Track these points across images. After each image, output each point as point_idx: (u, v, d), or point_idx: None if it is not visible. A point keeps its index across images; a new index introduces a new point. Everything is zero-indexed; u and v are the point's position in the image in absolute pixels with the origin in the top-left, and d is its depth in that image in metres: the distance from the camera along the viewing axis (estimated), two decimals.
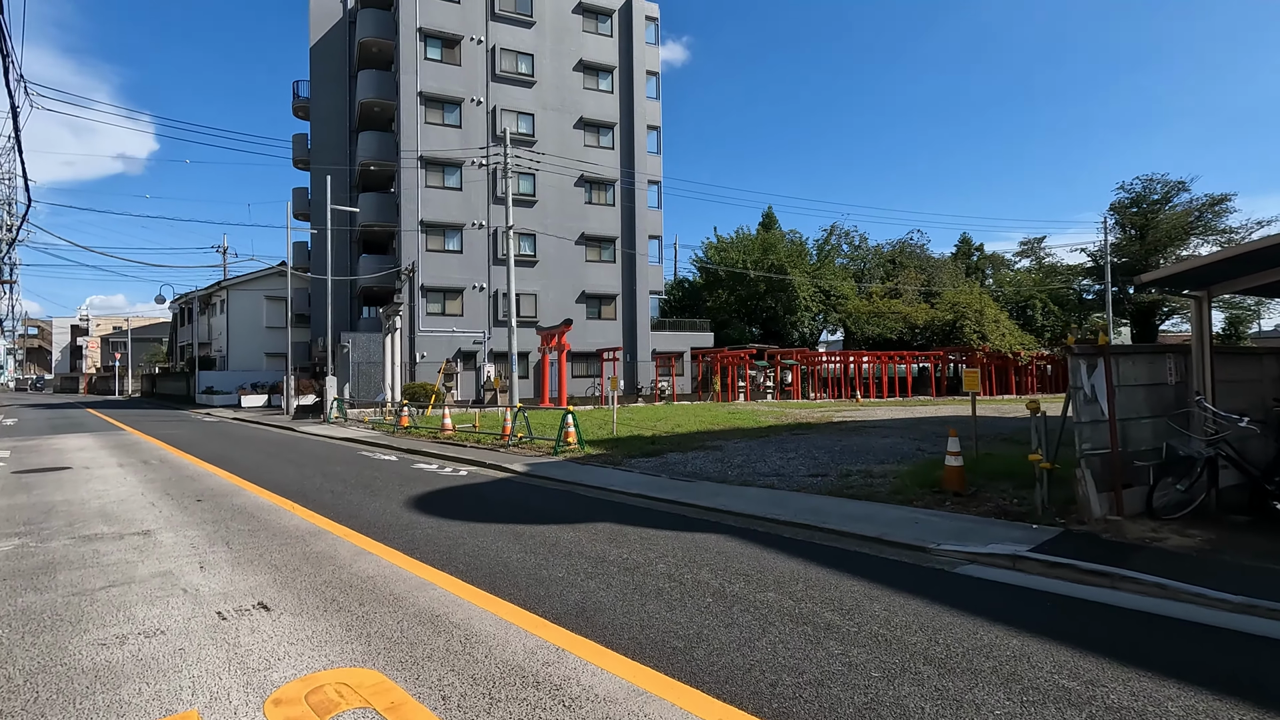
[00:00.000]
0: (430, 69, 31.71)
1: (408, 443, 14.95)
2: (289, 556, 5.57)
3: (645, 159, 36.35)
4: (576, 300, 34.23)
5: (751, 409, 23.69)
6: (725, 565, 5.28)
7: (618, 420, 18.34)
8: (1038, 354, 38.93)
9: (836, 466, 10.20)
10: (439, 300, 31.58)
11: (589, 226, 34.64)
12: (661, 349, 36.18)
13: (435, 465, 11.53)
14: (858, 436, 14.28)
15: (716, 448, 12.66)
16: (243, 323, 40.04)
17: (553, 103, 34.04)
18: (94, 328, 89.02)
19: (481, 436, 14.86)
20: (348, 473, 10.59)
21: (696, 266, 44.98)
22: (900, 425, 16.74)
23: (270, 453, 13.61)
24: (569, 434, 12.44)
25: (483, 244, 32.47)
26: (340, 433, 17.82)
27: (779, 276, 38.02)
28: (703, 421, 18.15)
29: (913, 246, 48.33)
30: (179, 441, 15.98)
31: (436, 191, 31.70)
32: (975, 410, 8.56)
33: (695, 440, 13.97)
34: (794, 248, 41.03)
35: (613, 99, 35.76)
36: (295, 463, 11.93)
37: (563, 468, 10.75)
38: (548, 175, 33.66)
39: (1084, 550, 5.50)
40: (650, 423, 18.07)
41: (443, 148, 31.71)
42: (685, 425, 17.15)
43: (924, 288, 43.44)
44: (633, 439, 14.17)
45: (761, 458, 11.26)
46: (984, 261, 54.65)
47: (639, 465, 10.80)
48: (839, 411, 22.40)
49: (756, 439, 14.06)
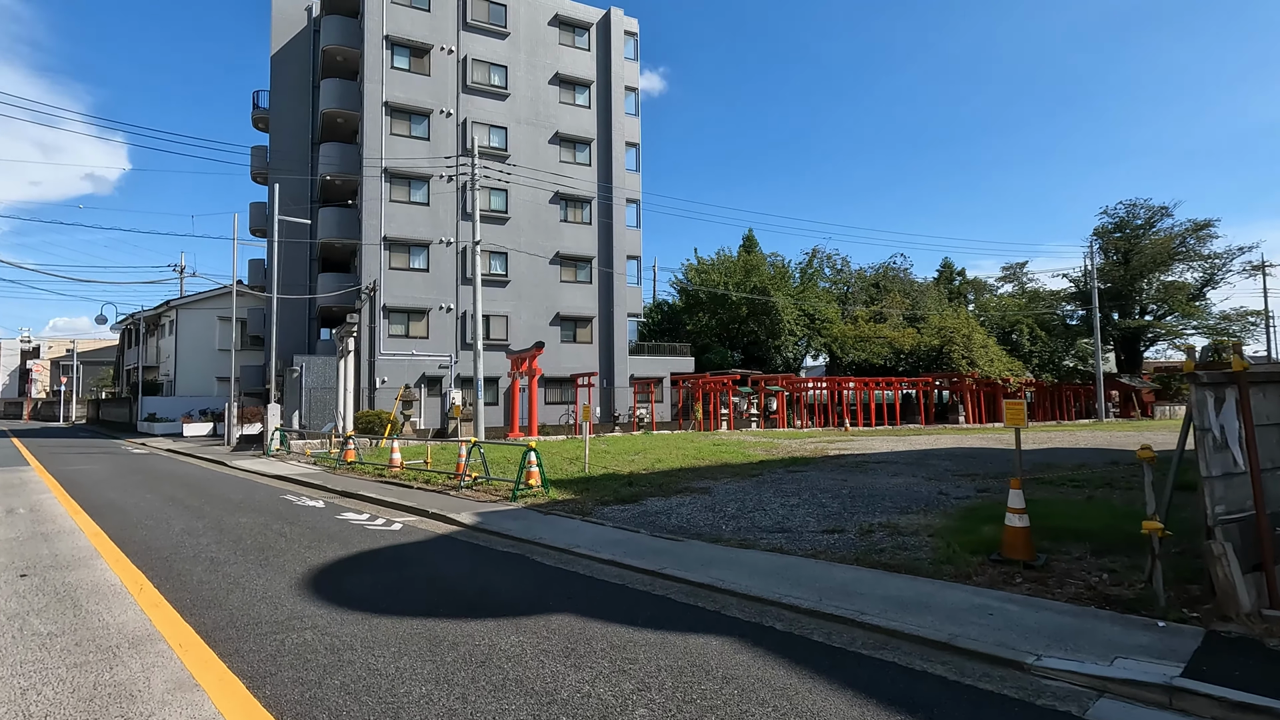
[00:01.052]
0: (397, 78, 30.07)
1: (345, 483, 12.89)
2: (63, 694, 3.60)
3: (624, 176, 34.94)
4: (550, 322, 32.41)
5: (737, 440, 21.94)
6: (741, 713, 3.43)
7: (591, 454, 16.44)
8: (1026, 380, 37.84)
9: (851, 517, 8.43)
10: (402, 321, 29.53)
11: (564, 245, 32.98)
12: (640, 374, 34.40)
13: (366, 515, 9.53)
14: (863, 475, 12.54)
15: (704, 490, 10.82)
16: (193, 345, 37.49)
17: (527, 116, 32.55)
18: (45, 350, 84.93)
19: (432, 476, 12.86)
20: (252, 526, 8.56)
21: (676, 289, 43.54)
22: (905, 460, 15.06)
23: (174, 497, 11.46)
24: (531, 474, 10.53)
25: (451, 262, 30.59)
26: (274, 469, 15.66)
27: (762, 299, 36.61)
28: (686, 455, 16.32)
29: (896, 270, 47.43)
30: (79, 480, 13.72)
31: (402, 206, 29.84)
32: (1020, 447, 6.92)
33: (679, 480, 12.12)
34: (777, 270, 39.74)
35: (590, 114, 34.39)
36: (195, 510, 9.84)
37: (521, 518, 8.83)
38: (521, 191, 32.03)
39: (1254, 670, 3.75)
40: (627, 457, 16.20)
41: (409, 160, 29.94)
42: (666, 460, 15.30)
43: (909, 312, 42.37)
44: (607, 478, 12.28)
45: (759, 505, 9.44)
46: (966, 286, 54.01)
47: (613, 515, 8.92)
48: (832, 443, 20.73)
49: (749, 478, 12.26)
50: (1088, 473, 12.03)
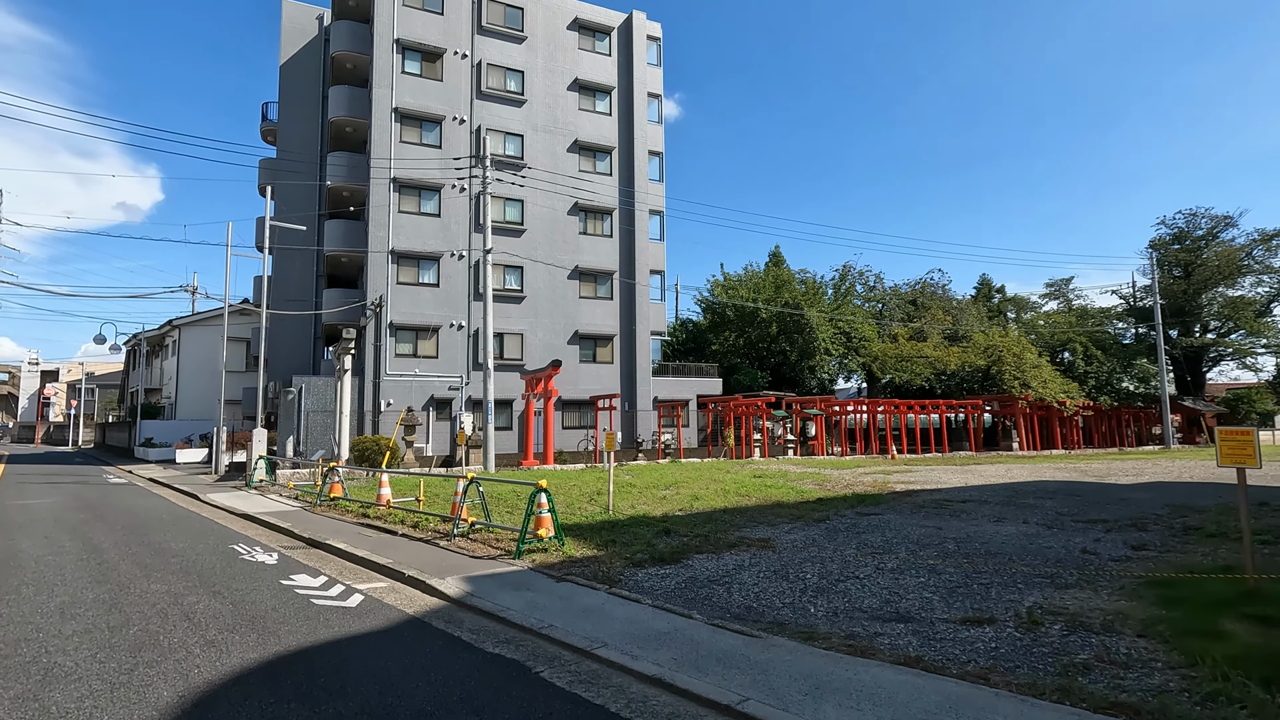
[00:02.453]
0: (408, 83, 28.46)
1: (319, 526, 10.62)
2: None
3: (646, 187, 32.93)
4: (569, 341, 30.24)
5: (778, 469, 19.42)
6: None
7: (616, 487, 14.04)
8: (1083, 403, 34.82)
9: (988, 593, 5.97)
10: (410, 340, 27.53)
11: (583, 259, 30.92)
12: (664, 396, 32.01)
13: (322, 579, 7.22)
14: (957, 520, 10.01)
15: (764, 544, 8.38)
16: (196, 366, 35.85)
17: (544, 124, 30.76)
18: (64, 373, 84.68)
19: (422, 518, 10.55)
20: (160, 599, 6.29)
21: (702, 306, 41.24)
22: (994, 499, 12.48)
23: (99, 546, 9.25)
24: (541, 521, 8.19)
25: (463, 277, 28.63)
26: (247, 505, 13.46)
27: (795, 313, 34.16)
28: (726, 491, 13.86)
29: (933, 286, 44.72)
30: (8, 519, 11.62)
31: (411, 218, 28.02)
32: (1244, 489, 4.54)
33: (727, 526, 9.69)
34: (809, 286, 37.31)
35: (611, 121, 32.54)
36: (106, 569, 7.61)
37: (524, 587, 6.47)
38: (538, 202, 30.11)
39: None
40: (657, 492, 13.78)
41: (420, 169, 28.18)
42: (705, 497, 12.86)
43: (950, 330, 39.63)
44: (636, 523, 9.88)
45: (848, 569, 6.99)
46: (1006, 304, 51.06)
47: (650, 584, 6.54)
48: (888, 474, 18.12)
49: (815, 524, 9.79)
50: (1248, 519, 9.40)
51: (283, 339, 31.93)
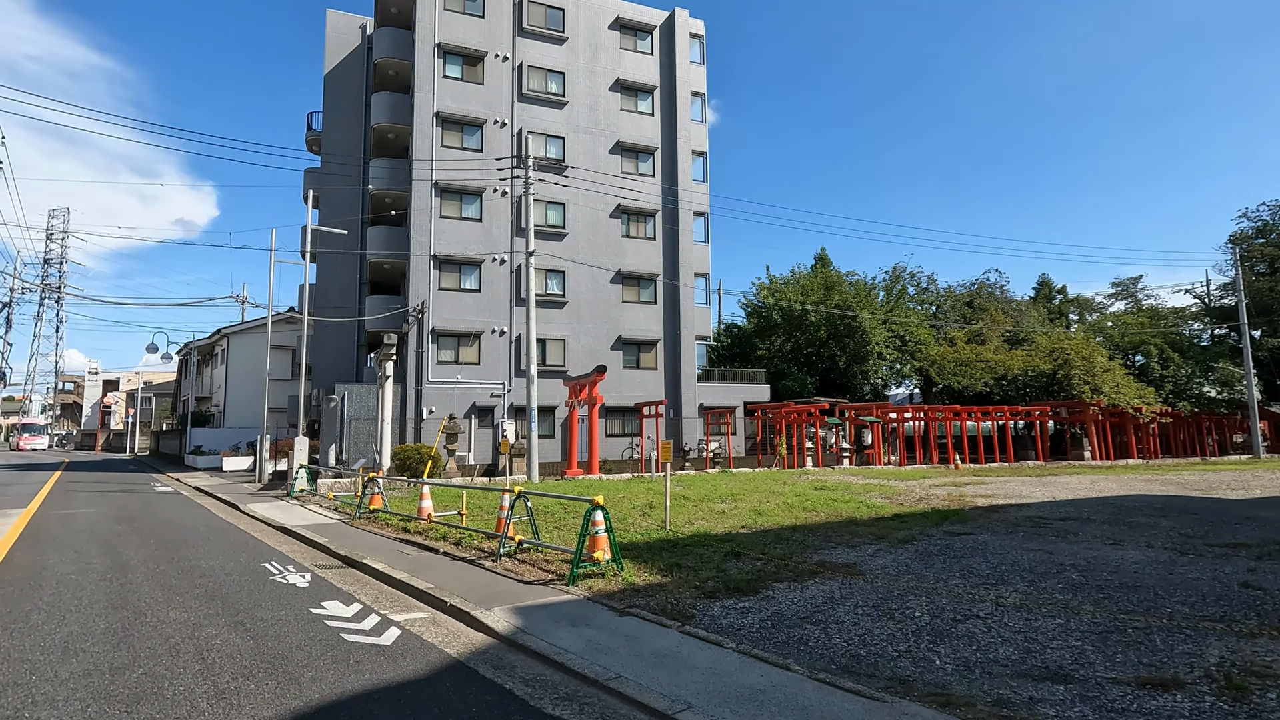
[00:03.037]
0: (449, 87, 28.18)
1: (356, 541, 9.94)
2: None
3: (690, 188, 32.03)
4: (612, 346, 29.46)
5: (838, 480, 18.18)
6: None
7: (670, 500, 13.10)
8: (1160, 409, 32.48)
9: (1150, 640, 4.82)
10: (452, 346, 27.10)
11: (626, 262, 30.15)
12: (710, 403, 30.95)
13: (356, 606, 6.45)
14: (1066, 543, 8.78)
15: (850, 569, 7.33)
16: (243, 374, 36.21)
17: (586, 125, 30.15)
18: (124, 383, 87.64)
19: (465, 535, 9.76)
20: (177, 629, 5.60)
21: (747, 310, 40.02)
22: (1098, 517, 11.12)
23: (127, 563, 8.71)
24: (596, 542, 7.28)
25: (504, 282, 28.12)
26: (286, 516, 12.94)
27: (846, 315, 32.74)
28: (788, 504, 12.78)
29: (991, 287, 42.65)
30: (45, 531, 11.28)
31: (452, 223, 27.67)
32: None
33: (800, 546, 8.66)
34: (859, 288, 35.81)
35: (653, 122, 31.77)
36: (127, 591, 6.99)
37: (582, 623, 5.57)
38: (580, 205, 29.49)
39: None
40: (714, 505, 12.78)
41: (461, 173, 27.83)
42: (768, 511, 11.80)
43: (1010, 333, 37.59)
44: (699, 542, 8.92)
45: (959, 603, 5.91)
46: (1068, 305, 48.52)
47: (729, 621, 5.57)
48: (960, 486, 16.74)
49: (902, 546, 8.68)
50: None
51: (326, 347, 31.95)
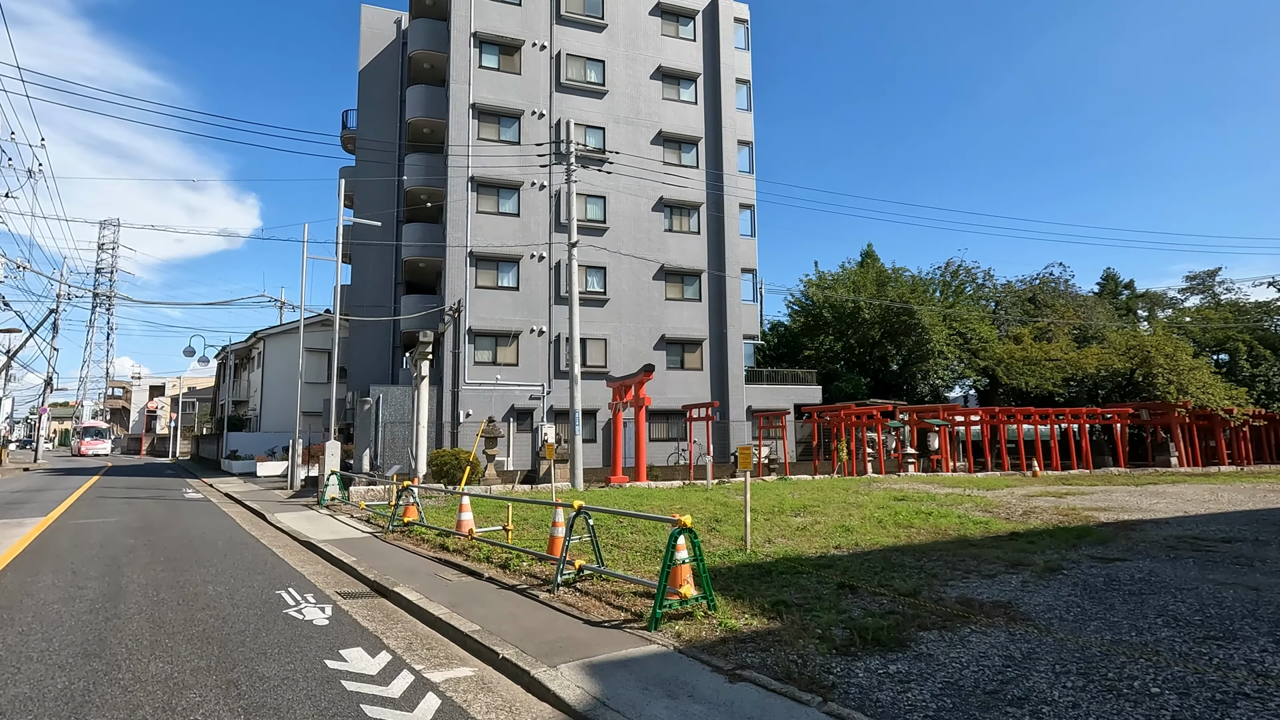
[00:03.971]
0: (485, 78, 27.12)
1: (387, 560, 8.63)
2: None
3: (736, 179, 30.45)
4: (655, 346, 28.01)
5: (917, 490, 16.40)
6: None
7: (729, 510, 11.56)
8: (1254, 412, 29.73)
9: None
10: (489, 347, 25.96)
11: (669, 258, 28.69)
12: (758, 406, 29.27)
13: (383, 658, 5.06)
14: (1261, 574, 7.00)
15: (1008, 611, 5.71)
16: (279, 378, 35.71)
17: (627, 115, 28.82)
18: (169, 388, 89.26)
19: (513, 556, 8.36)
20: (149, 692, 4.30)
21: (794, 307, 38.15)
22: (1259, 535, 9.24)
23: (124, 588, 7.52)
24: (680, 573, 5.77)
25: (543, 279, 26.90)
26: (314, 529, 11.75)
27: (903, 312, 30.75)
28: (876, 518, 11.13)
29: (1054, 282, 40.07)
30: (53, 545, 10.25)
31: (489, 218, 26.56)
32: None
33: (919, 572, 7.05)
34: (917, 283, 33.74)
35: (697, 110, 30.30)
36: (110, 631, 5.74)
37: (682, 697, 4.08)
38: (621, 199, 28.15)
39: None
40: (787, 518, 11.21)
41: (498, 167, 26.74)
42: (856, 527, 10.18)
43: (1079, 330, 35.10)
44: (792, 569, 7.37)
45: (1198, 670, 4.27)
46: (1136, 300, 45.50)
47: (886, 695, 4.03)
48: (1060, 497, 14.83)
49: (1049, 575, 7.01)
50: None
51: (362, 349, 31.15)
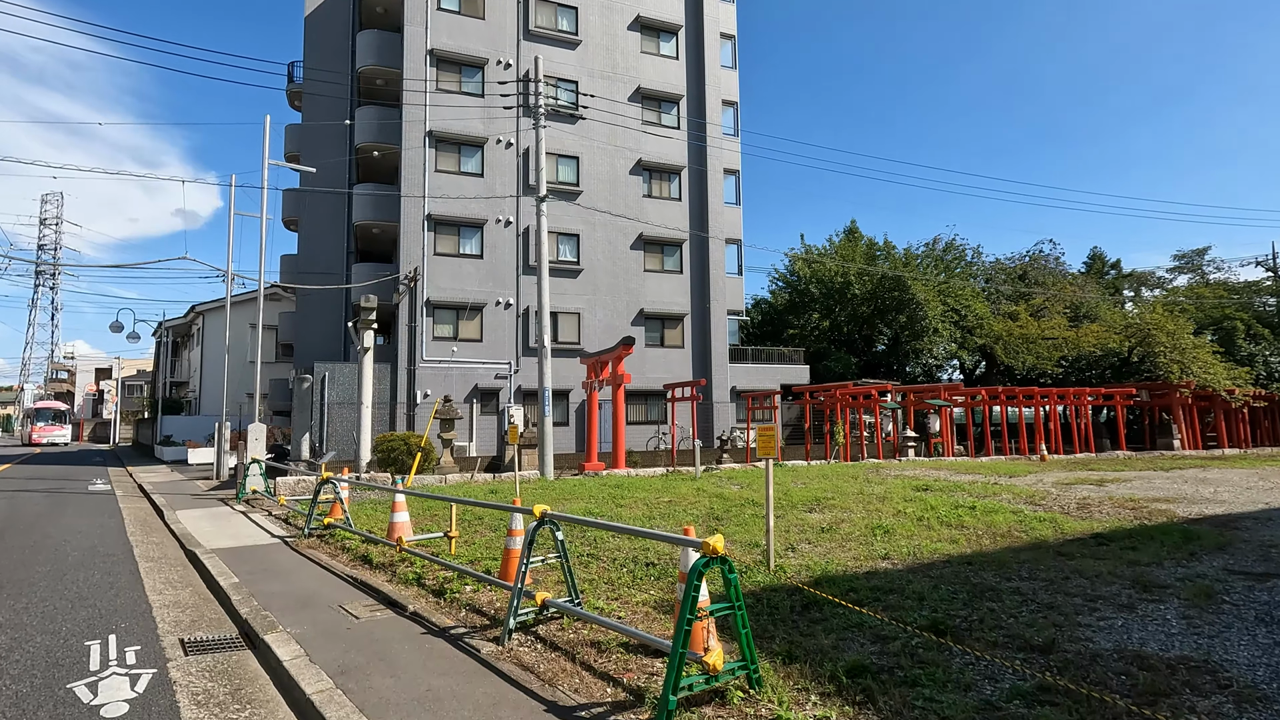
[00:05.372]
0: (445, 21, 24.36)
1: (281, 584, 6.32)
2: None
3: (720, 143, 28.19)
4: (632, 321, 25.77)
5: (934, 477, 14.51)
6: None
7: (725, 504, 9.45)
8: (1255, 393, 28.62)
9: None
10: (450, 320, 23.46)
11: (649, 226, 26.38)
12: (743, 386, 27.28)
13: None
14: None
15: (1216, 674, 3.64)
16: (221, 356, 32.59)
17: (602, 68, 26.29)
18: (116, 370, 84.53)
19: (452, 579, 6.10)
20: None
21: (780, 283, 36.14)
22: None
23: None
24: (702, 631, 3.57)
25: (510, 246, 24.43)
26: (212, 531, 9.36)
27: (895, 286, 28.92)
28: (908, 512, 9.12)
29: (1045, 259, 38.65)
30: None
31: (450, 178, 23.94)
32: None
33: (1017, 596, 4.99)
34: (910, 256, 31.94)
35: (678, 66, 27.90)
36: None
37: None
38: (596, 160, 25.72)
39: None
40: (801, 514, 9.15)
41: (460, 121, 24.08)
42: (897, 529, 8.13)
43: (1071, 307, 33.73)
44: (841, 594, 5.23)
45: None
46: (1122, 280, 44.48)
47: None
48: (1101, 484, 13.04)
49: (1207, 601, 4.99)
50: None
51: (310, 324, 28.26)
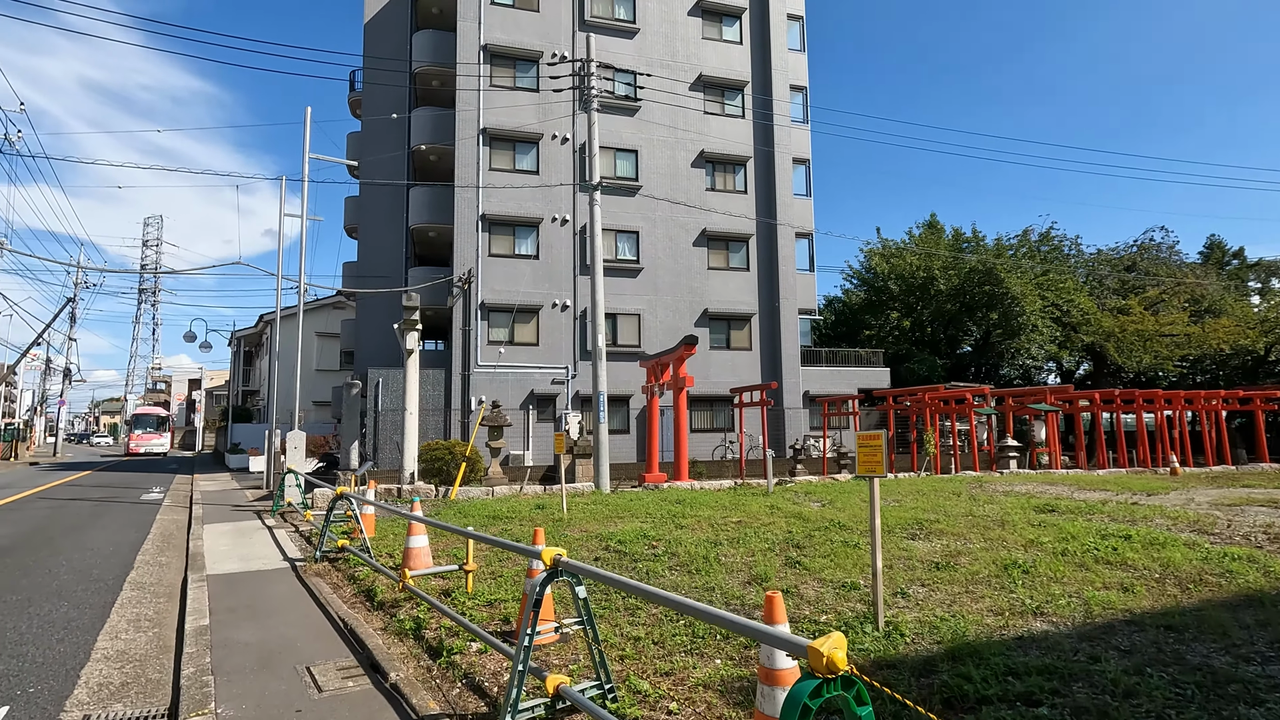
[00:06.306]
0: (498, 16, 23.60)
1: (245, 639, 5.08)
2: None
3: (788, 130, 26.33)
4: (696, 322, 24.20)
5: (1051, 494, 12.31)
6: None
7: (802, 526, 7.74)
8: None
9: None
10: (505, 323, 22.52)
11: (712, 221, 24.79)
12: (816, 390, 25.25)
13: None
14: None
15: None
16: (285, 364, 32.98)
17: (661, 56, 24.95)
18: (206, 380, 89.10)
19: (458, 634, 4.71)
20: None
21: (854, 280, 33.78)
22: None
23: None
24: None
25: (566, 246, 23.34)
26: (224, 552, 8.39)
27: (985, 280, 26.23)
28: (1039, 544, 7.21)
29: (1155, 248, 34.74)
30: None
31: (504, 176, 23.08)
32: None
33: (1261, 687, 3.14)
34: (1001, 248, 29.10)
35: (742, 51, 26.26)
36: None
37: None
38: (655, 153, 24.38)
39: None
40: (902, 543, 7.38)
41: (513, 118, 23.23)
42: (1036, 566, 6.26)
43: (1190, 303, 29.97)
44: (996, 680, 3.52)
45: None
46: (1247, 270, 39.66)
47: None
48: (1261, 502, 10.59)
49: None
50: None
51: (372, 331, 27.86)
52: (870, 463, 4.85)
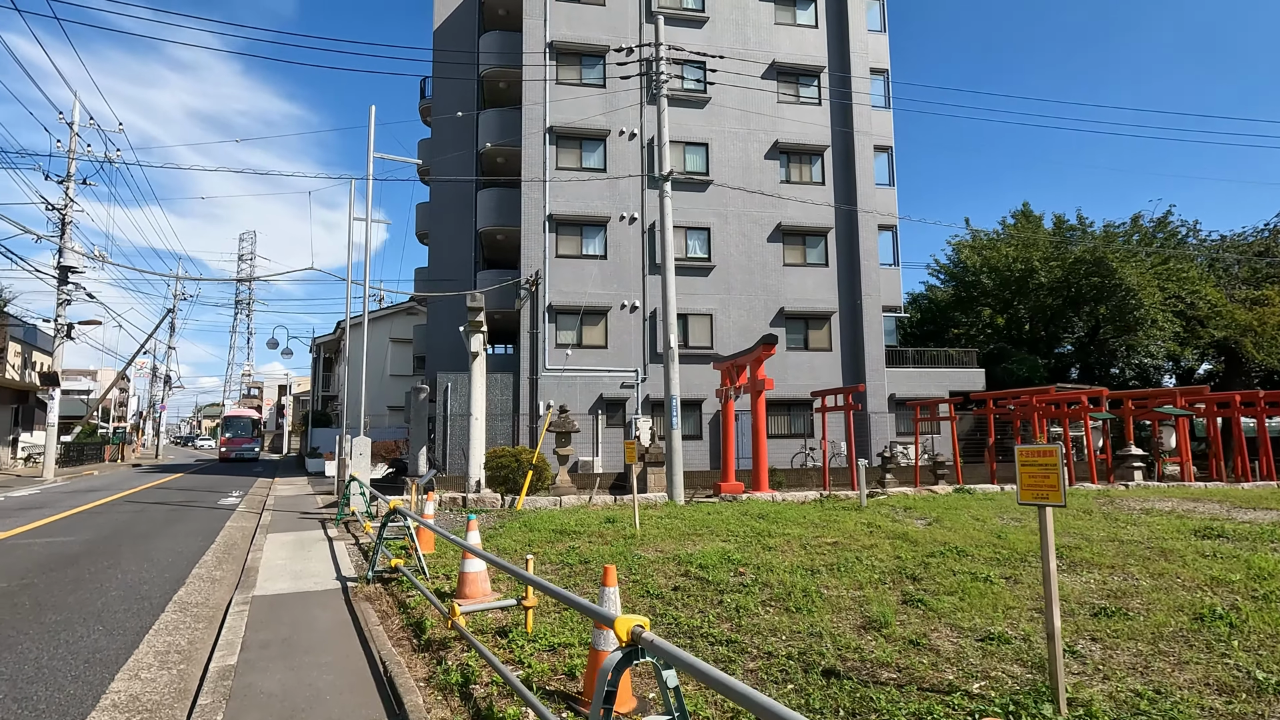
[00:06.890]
0: (563, 11, 23.10)
1: (262, 688, 4.36)
2: None
3: (868, 116, 24.70)
4: (771, 322, 22.94)
5: (1200, 511, 10.51)
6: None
7: (922, 554, 6.50)
8: None
9: None
10: (573, 325, 21.92)
11: (787, 215, 23.47)
12: (902, 393, 23.50)
13: None
14: None
15: None
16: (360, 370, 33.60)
17: (731, 44, 23.85)
18: (295, 386, 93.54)
19: (502, 697, 3.84)
20: None
21: (942, 275, 31.57)
22: None
23: None
24: None
25: (635, 246, 22.56)
26: (279, 566, 7.93)
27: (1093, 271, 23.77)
28: (1222, 582, 5.82)
29: None
30: None
31: (571, 174, 22.53)
32: None
33: None
34: (1111, 236, 26.41)
35: (817, 35, 24.84)
36: None
37: None
38: (727, 145, 23.32)
39: None
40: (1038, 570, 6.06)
41: (580, 114, 22.66)
42: (1245, 614, 4.89)
43: None
44: None
45: None
46: None
47: None
48: None
49: None
50: None
51: (443, 336, 27.95)
52: (1041, 487, 3.69)
